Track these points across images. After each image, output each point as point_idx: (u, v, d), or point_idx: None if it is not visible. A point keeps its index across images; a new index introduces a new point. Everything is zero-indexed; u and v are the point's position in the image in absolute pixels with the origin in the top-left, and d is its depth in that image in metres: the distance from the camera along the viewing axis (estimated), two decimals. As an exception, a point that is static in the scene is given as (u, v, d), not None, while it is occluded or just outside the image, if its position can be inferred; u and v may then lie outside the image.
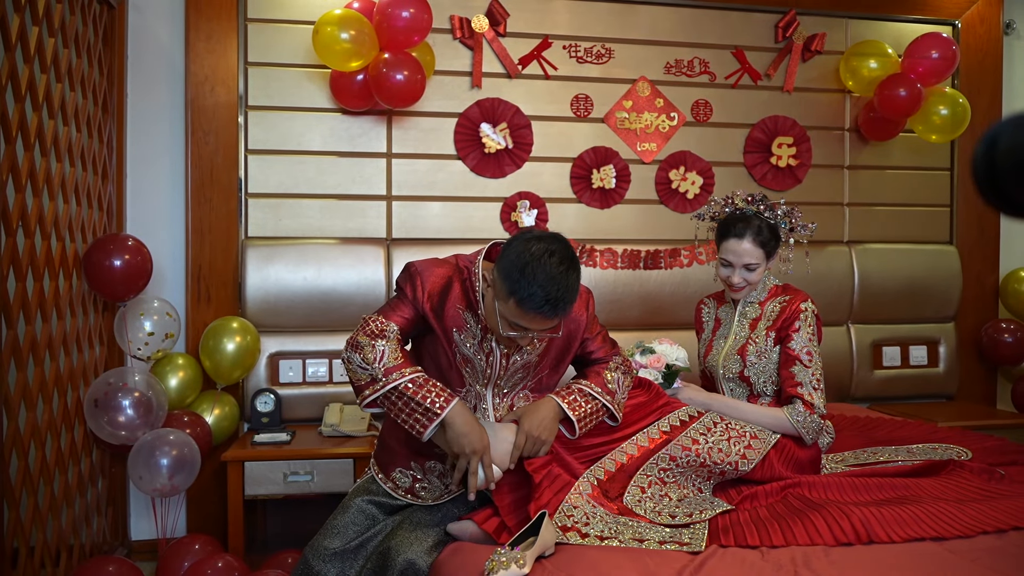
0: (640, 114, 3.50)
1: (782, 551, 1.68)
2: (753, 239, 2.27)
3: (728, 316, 2.44)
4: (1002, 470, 2.16)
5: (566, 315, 1.82)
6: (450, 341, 1.92)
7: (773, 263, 2.35)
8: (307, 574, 1.86)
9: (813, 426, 2.16)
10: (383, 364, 1.80)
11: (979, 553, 1.65)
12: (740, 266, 2.29)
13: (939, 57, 3.39)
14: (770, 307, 2.33)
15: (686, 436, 2.05)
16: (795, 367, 2.21)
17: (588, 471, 1.94)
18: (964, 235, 3.82)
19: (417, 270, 1.92)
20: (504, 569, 1.56)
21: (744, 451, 2.07)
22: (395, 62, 2.93)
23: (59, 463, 2.52)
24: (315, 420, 3.15)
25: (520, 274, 1.71)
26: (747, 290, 2.34)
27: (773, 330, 2.28)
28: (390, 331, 1.86)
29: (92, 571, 2.37)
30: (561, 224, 3.40)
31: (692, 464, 2.02)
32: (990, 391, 3.91)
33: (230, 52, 3.16)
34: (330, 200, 3.26)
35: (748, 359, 2.29)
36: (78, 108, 2.72)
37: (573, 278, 1.75)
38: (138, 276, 2.74)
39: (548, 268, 1.71)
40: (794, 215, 2.36)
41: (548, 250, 1.74)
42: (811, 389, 2.19)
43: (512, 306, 1.74)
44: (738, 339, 2.35)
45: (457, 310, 1.90)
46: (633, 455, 2.00)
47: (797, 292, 2.33)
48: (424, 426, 1.79)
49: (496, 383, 1.97)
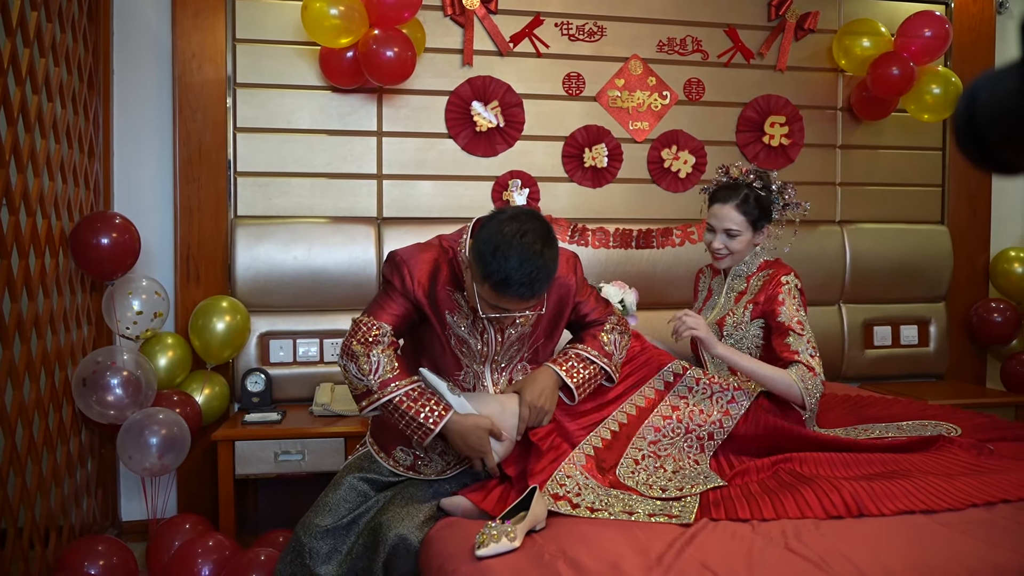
0: (632, 93, 3.48)
1: (773, 524, 1.68)
2: (736, 205, 2.30)
3: (718, 287, 2.47)
4: (991, 446, 2.17)
5: (544, 294, 1.80)
6: (444, 325, 1.90)
7: (762, 239, 2.36)
8: (299, 551, 1.86)
9: (815, 390, 2.15)
10: (378, 377, 1.81)
11: (969, 525, 1.65)
12: (721, 231, 2.32)
13: (932, 36, 3.38)
14: (755, 281, 2.36)
15: (665, 404, 2.07)
16: (789, 337, 2.20)
17: (584, 440, 1.96)
18: (955, 215, 3.82)
19: (403, 258, 1.87)
20: (495, 543, 1.55)
21: (727, 406, 2.09)
22: (385, 39, 2.90)
23: (47, 442, 2.50)
24: (306, 400, 3.14)
25: (493, 256, 1.67)
26: (729, 260, 2.36)
27: (752, 303, 2.30)
28: (383, 336, 1.83)
29: (82, 550, 2.36)
30: (553, 203, 3.38)
31: (677, 432, 2.03)
32: (980, 370, 3.93)
33: (218, 28, 3.11)
34: (320, 179, 3.23)
35: (725, 328, 2.32)
36: (63, 84, 2.68)
37: (548, 256, 1.71)
38: (126, 255, 2.71)
39: (521, 249, 1.66)
40: (787, 191, 2.36)
41: (520, 230, 1.69)
42: (808, 356, 2.17)
43: (488, 289, 1.72)
44: (721, 310, 2.39)
45: (448, 292, 1.88)
46: (632, 415, 2.03)
47: (782, 266, 2.34)
48: (422, 437, 1.83)
49: (493, 359, 1.96)
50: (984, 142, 0.74)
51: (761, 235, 2.36)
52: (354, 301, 3.12)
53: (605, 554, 1.51)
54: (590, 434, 1.99)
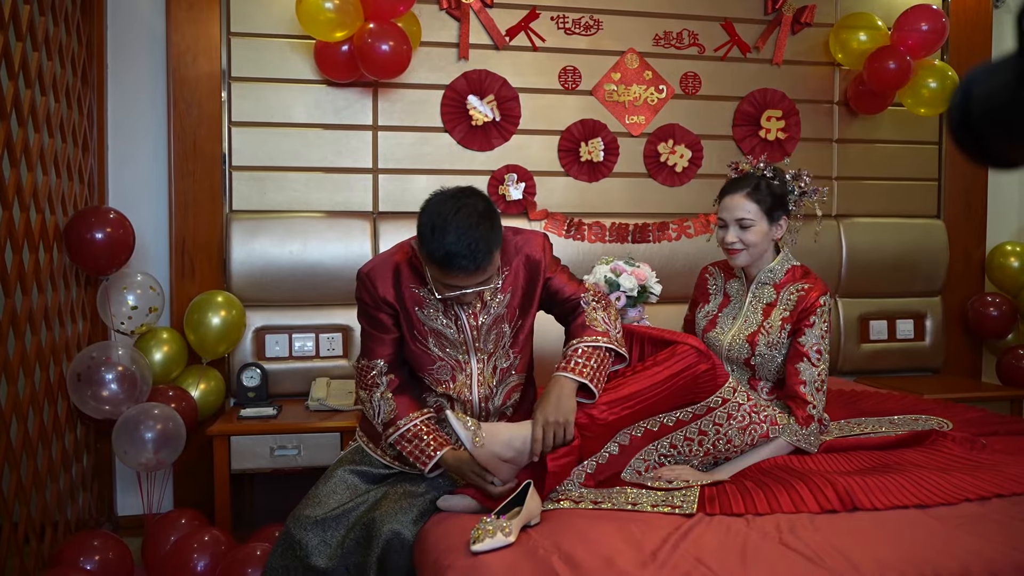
0: (628, 87, 3.47)
1: (767, 519, 1.68)
2: (747, 194, 2.17)
3: (738, 294, 2.30)
4: (983, 440, 2.17)
5: (489, 265, 1.78)
6: (414, 324, 1.93)
7: (780, 233, 2.22)
8: (289, 543, 1.86)
9: (812, 439, 2.10)
10: (381, 420, 1.96)
11: (962, 520, 1.66)
12: (733, 222, 2.18)
13: (929, 30, 3.37)
14: (786, 294, 2.19)
15: (694, 427, 1.98)
16: (802, 363, 2.11)
17: (582, 464, 1.91)
18: (951, 209, 3.82)
19: (364, 273, 1.96)
20: (490, 538, 1.55)
21: (757, 440, 2.04)
22: (380, 32, 2.89)
23: (42, 437, 2.50)
24: (302, 395, 3.13)
25: (432, 236, 1.73)
26: (745, 255, 2.20)
27: (789, 322, 2.15)
28: (380, 375, 1.95)
29: (77, 545, 2.36)
30: (549, 198, 3.38)
31: (696, 454, 2.01)
32: (975, 364, 3.94)
33: (212, 22, 3.10)
34: (316, 173, 3.23)
35: (758, 348, 2.17)
36: (56, 78, 2.67)
37: (485, 227, 1.73)
38: (120, 250, 2.70)
39: (457, 223, 1.71)
40: (803, 178, 2.24)
41: (456, 207, 1.73)
42: (813, 389, 2.10)
43: (435, 269, 1.77)
44: (749, 323, 2.22)
45: (412, 289, 1.92)
46: (653, 431, 1.96)
47: (817, 281, 2.19)
48: (421, 471, 1.93)
49: (476, 347, 1.97)
50: (978, 135, 0.73)
51: (778, 228, 2.21)
52: (350, 296, 3.05)
53: (600, 549, 1.52)
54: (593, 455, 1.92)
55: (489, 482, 1.81)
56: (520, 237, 2.00)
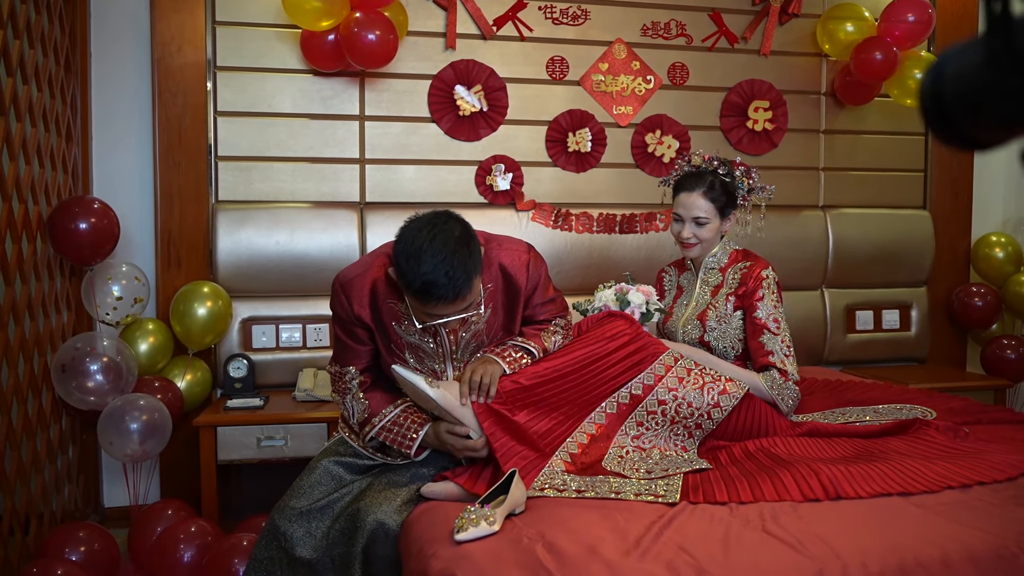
0: (616, 77, 3.47)
1: (750, 507, 1.69)
2: (703, 193, 2.31)
3: (689, 283, 2.46)
4: (967, 428, 2.19)
5: (469, 293, 1.75)
6: (392, 339, 1.91)
7: (729, 226, 2.37)
8: (274, 534, 1.86)
9: (789, 393, 2.18)
10: (356, 420, 1.97)
11: (944, 507, 1.67)
12: (690, 219, 2.32)
13: (915, 21, 3.38)
14: (731, 274, 2.35)
15: (652, 398, 2.02)
16: (764, 336, 2.24)
17: (560, 449, 1.92)
18: (937, 200, 3.84)
19: (342, 284, 1.90)
20: (474, 527, 1.56)
21: (718, 397, 2.04)
22: (367, 21, 2.87)
23: (27, 429, 2.49)
24: (289, 385, 3.13)
25: (407, 265, 1.69)
26: (699, 249, 2.36)
27: (733, 295, 2.30)
28: (351, 381, 1.96)
29: (63, 537, 2.35)
30: (536, 188, 3.37)
31: (662, 424, 2.02)
32: (960, 354, 3.97)
33: (197, 10, 3.07)
34: (302, 163, 3.21)
35: (708, 324, 2.32)
36: (39, 66, 2.64)
37: (463, 254, 1.70)
38: (105, 240, 2.69)
39: (433, 252, 1.66)
40: (751, 175, 2.37)
41: (431, 235, 1.69)
42: (782, 356, 2.21)
43: (413, 299, 1.75)
44: (699, 304, 2.38)
45: (389, 304, 1.88)
46: (612, 414, 1.99)
47: (757, 259, 2.35)
48: (410, 458, 1.94)
49: (453, 357, 1.97)
50: (950, 116, 0.73)
51: (728, 222, 2.37)
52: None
53: (583, 537, 1.52)
54: (567, 439, 1.94)
55: (466, 436, 1.83)
56: (493, 244, 1.94)
